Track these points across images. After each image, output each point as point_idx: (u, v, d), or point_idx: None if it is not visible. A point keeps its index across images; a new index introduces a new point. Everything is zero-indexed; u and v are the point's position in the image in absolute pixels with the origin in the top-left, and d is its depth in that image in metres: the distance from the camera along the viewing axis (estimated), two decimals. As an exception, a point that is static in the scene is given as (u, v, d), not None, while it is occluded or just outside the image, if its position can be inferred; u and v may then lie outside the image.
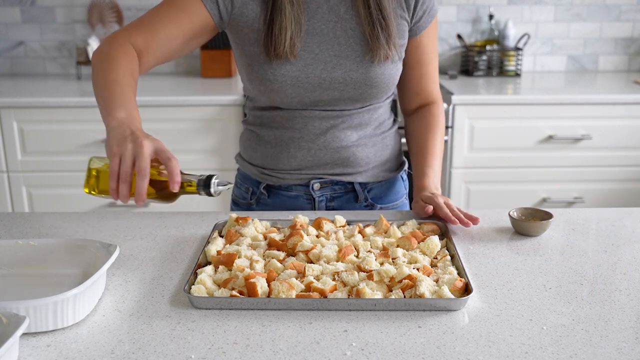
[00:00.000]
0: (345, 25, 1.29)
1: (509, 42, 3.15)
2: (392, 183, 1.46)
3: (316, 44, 1.29)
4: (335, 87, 1.30)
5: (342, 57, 1.29)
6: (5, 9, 3.15)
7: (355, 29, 1.29)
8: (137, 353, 0.83)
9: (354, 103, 1.34)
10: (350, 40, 1.29)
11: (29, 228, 1.27)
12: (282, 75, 1.28)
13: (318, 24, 1.29)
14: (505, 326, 0.89)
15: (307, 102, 1.31)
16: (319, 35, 1.29)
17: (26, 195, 2.72)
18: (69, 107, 2.62)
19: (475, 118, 2.67)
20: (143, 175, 1.00)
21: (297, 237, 1.09)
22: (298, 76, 1.28)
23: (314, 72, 1.28)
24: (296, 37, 1.26)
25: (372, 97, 1.34)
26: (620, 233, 1.24)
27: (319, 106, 1.32)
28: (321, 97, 1.31)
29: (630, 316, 0.92)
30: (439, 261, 1.07)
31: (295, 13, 1.26)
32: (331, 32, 1.29)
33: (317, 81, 1.29)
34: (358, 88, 1.31)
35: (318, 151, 1.35)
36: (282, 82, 1.28)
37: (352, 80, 1.30)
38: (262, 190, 1.42)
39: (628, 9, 3.21)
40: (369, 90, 1.32)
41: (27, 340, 0.86)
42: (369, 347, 0.84)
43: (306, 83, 1.29)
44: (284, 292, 0.94)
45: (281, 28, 1.25)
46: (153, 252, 1.16)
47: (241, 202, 1.47)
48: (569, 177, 2.75)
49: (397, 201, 1.47)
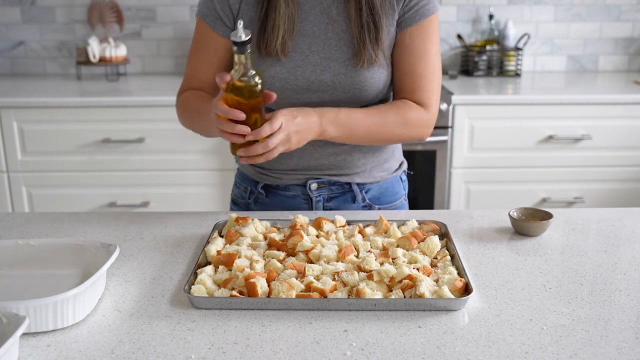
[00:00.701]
0: (336, 28, 1.29)
1: (509, 42, 3.15)
2: (391, 184, 1.45)
3: (307, 45, 1.28)
4: (324, 89, 1.29)
5: (332, 60, 1.28)
6: (5, 9, 3.15)
7: (345, 32, 1.29)
8: (137, 353, 0.83)
9: (345, 106, 1.30)
10: (341, 43, 1.28)
11: (29, 228, 1.27)
12: (271, 77, 1.28)
13: (310, 25, 1.28)
14: (505, 326, 0.89)
15: (296, 105, 1.28)
16: (310, 36, 1.28)
17: (26, 195, 2.72)
18: (69, 107, 2.62)
19: (475, 118, 2.67)
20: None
21: (297, 237, 1.09)
22: (287, 78, 1.28)
23: (302, 75, 1.28)
24: (288, 37, 1.26)
25: (362, 101, 1.32)
26: (620, 233, 1.24)
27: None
28: (310, 99, 1.30)
29: (630, 316, 0.92)
30: (439, 261, 1.07)
31: (290, 12, 1.26)
32: (322, 33, 1.28)
33: (305, 84, 1.28)
34: (347, 91, 1.29)
35: (314, 152, 1.35)
36: (270, 84, 1.28)
37: (341, 84, 1.29)
38: (260, 189, 1.41)
39: (628, 9, 3.21)
40: (357, 94, 1.30)
41: (27, 340, 0.86)
42: (369, 347, 0.84)
43: (295, 85, 1.28)
44: (284, 292, 0.94)
45: (274, 26, 1.26)
46: (153, 252, 1.16)
47: (240, 201, 1.47)
48: (569, 177, 2.75)
49: (396, 202, 1.46)
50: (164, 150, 2.66)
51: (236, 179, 1.50)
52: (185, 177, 2.71)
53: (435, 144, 2.67)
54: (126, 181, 2.70)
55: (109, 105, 2.62)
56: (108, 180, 2.70)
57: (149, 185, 2.71)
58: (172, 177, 2.71)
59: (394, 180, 1.46)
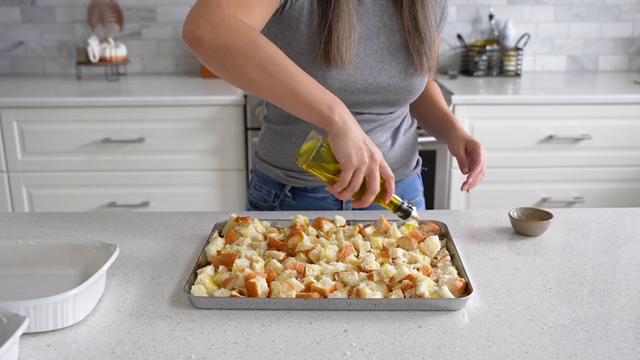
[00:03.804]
0: (387, 32, 1.29)
1: (509, 42, 3.15)
2: (411, 181, 1.47)
3: (362, 49, 1.28)
4: (379, 91, 1.30)
5: (386, 64, 1.29)
6: (5, 9, 3.15)
7: (396, 36, 1.30)
8: (137, 353, 0.83)
9: (390, 107, 1.35)
10: (392, 47, 1.30)
11: (29, 228, 1.27)
12: (331, 77, 1.26)
13: (364, 28, 1.28)
14: (505, 326, 0.89)
15: (347, 105, 1.26)
16: (365, 40, 1.28)
17: (26, 195, 2.72)
18: (69, 107, 2.62)
19: (475, 118, 2.67)
20: (374, 193, 1.10)
21: (297, 237, 1.09)
22: (347, 80, 1.27)
23: (361, 77, 1.28)
24: (352, 47, 1.25)
25: (408, 102, 1.36)
26: (620, 233, 1.24)
27: (357, 109, 1.31)
28: (363, 100, 1.31)
29: (630, 316, 0.92)
30: (439, 261, 1.07)
31: (353, 24, 1.24)
32: (375, 37, 1.29)
33: (363, 86, 1.28)
34: (398, 93, 1.32)
35: None
36: (330, 84, 1.26)
37: (395, 86, 1.31)
38: (287, 192, 1.40)
39: (628, 9, 3.21)
40: (407, 96, 1.34)
41: (27, 340, 0.86)
42: (369, 347, 0.84)
43: (353, 87, 1.28)
44: (284, 292, 0.94)
45: (340, 38, 1.22)
46: (153, 252, 1.16)
47: (262, 205, 1.44)
48: (569, 177, 2.75)
49: (416, 198, 1.48)
50: (164, 150, 2.66)
51: (255, 181, 1.47)
52: (185, 177, 2.71)
53: (436, 144, 2.67)
54: (126, 181, 2.70)
55: (109, 105, 2.62)
56: (108, 180, 2.70)
57: (149, 185, 2.71)
58: (172, 177, 2.71)
59: (414, 177, 1.48)
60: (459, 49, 3.26)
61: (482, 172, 1.32)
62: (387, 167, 1.12)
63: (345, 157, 1.07)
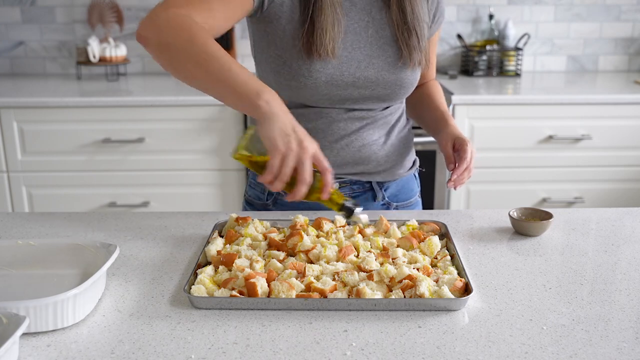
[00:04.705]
0: (376, 26, 1.30)
1: (509, 42, 3.15)
2: (407, 181, 1.47)
3: (349, 42, 1.28)
4: (368, 85, 1.30)
5: (374, 57, 1.29)
6: (5, 9, 3.15)
7: (385, 30, 1.30)
8: (137, 353, 0.83)
9: (381, 102, 1.35)
10: (381, 41, 1.30)
11: (29, 228, 1.27)
12: (317, 71, 1.26)
13: (351, 22, 1.29)
14: (505, 326, 0.89)
15: (336, 100, 1.30)
16: (352, 34, 1.29)
17: (26, 195, 2.72)
18: (69, 107, 2.62)
19: (475, 118, 2.67)
20: (305, 183, 1.01)
21: (297, 237, 1.09)
22: (333, 74, 1.27)
23: (348, 71, 1.28)
24: (336, 39, 1.25)
25: (399, 97, 1.36)
26: (620, 233, 1.24)
27: (347, 104, 1.32)
28: (352, 95, 1.31)
29: (630, 316, 0.92)
30: (439, 261, 1.07)
31: (337, 16, 1.25)
32: (363, 31, 1.29)
33: (351, 79, 1.29)
34: (388, 88, 1.32)
35: (341, 150, 1.35)
36: (316, 78, 1.26)
37: (384, 80, 1.31)
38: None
39: (628, 9, 3.21)
40: (397, 91, 1.33)
41: (27, 340, 0.86)
42: (369, 347, 0.84)
43: (340, 81, 1.28)
44: (284, 292, 0.94)
45: (323, 30, 1.23)
46: (153, 252, 1.16)
47: (256, 202, 1.45)
48: (569, 177, 2.75)
49: (412, 199, 1.48)
50: (164, 150, 2.66)
51: (250, 179, 1.48)
52: (185, 177, 2.71)
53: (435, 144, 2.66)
54: (126, 181, 2.70)
55: (109, 105, 2.62)
56: (108, 180, 2.70)
57: (149, 185, 2.71)
58: (172, 177, 2.71)
59: (409, 178, 1.47)
60: (459, 49, 3.25)
61: (468, 169, 1.31)
62: (323, 160, 1.04)
63: (270, 142, 1.01)
